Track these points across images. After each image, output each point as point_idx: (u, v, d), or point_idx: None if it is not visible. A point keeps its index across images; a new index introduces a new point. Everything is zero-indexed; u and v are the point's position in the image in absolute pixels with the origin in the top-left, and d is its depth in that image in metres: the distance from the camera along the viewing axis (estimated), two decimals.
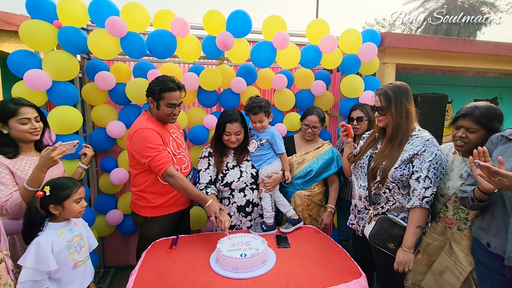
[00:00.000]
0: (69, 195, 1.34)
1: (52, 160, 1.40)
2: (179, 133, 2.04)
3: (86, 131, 2.54)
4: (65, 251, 1.33)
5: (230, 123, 1.87)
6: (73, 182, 1.38)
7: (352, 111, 2.18)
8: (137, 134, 1.70)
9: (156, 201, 1.82)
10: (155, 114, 1.84)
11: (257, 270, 1.43)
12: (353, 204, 1.77)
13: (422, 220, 1.47)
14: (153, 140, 1.70)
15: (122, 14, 2.01)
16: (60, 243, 1.32)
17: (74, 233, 1.41)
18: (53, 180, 1.37)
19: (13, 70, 1.95)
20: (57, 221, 1.37)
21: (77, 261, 1.38)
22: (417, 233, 1.47)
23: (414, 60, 3.04)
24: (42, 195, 1.29)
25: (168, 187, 1.81)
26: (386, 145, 1.59)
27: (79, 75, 2.32)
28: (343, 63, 2.45)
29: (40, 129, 1.57)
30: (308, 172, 2.08)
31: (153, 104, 1.80)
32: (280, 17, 2.25)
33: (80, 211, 1.39)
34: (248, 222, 1.99)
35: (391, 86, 1.56)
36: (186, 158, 1.95)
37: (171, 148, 1.83)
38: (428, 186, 1.45)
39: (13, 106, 1.47)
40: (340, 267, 1.50)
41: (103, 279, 2.67)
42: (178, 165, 1.85)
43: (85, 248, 1.46)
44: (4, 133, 1.49)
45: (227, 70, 2.44)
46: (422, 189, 1.46)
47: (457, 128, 1.51)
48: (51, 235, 1.31)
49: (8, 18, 2.09)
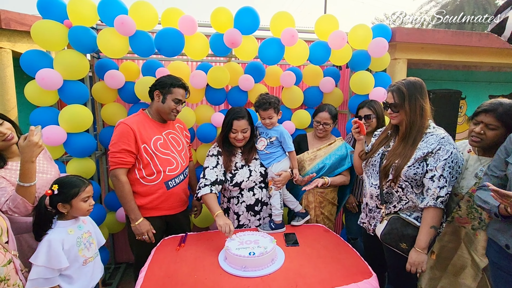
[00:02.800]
0: (77, 194, 1.34)
1: (38, 146, 1.30)
2: (180, 134, 2.01)
3: (96, 129, 2.58)
4: (75, 248, 1.35)
5: (237, 120, 1.86)
6: (81, 181, 1.39)
7: (359, 109, 2.14)
8: (116, 126, 1.78)
9: (137, 201, 1.81)
10: (156, 109, 1.85)
11: (266, 269, 1.43)
12: (364, 203, 1.74)
13: (436, 220, 1.43)
14: (120, 137, 1.73)
15: (130, 12, 2.02)
16: (70, 240, 1.34)
17: (82, 230, 1.42)
18: (61, 178, 1.38)
19: (26, 69, 1.99)
20: (66, 219, 1.38)
21: (87, 258, 1.40)
22: (431, 233, 1.43)
23: (426, 56, 2.95)
24: (51, 194, 1.30)
25: (148, 188, 1.80)
26: (399, 143, 1.55)
27: (89, 74, 2.35)
28: (352, 59, 2.41)
29: (9, 132, 1.43)
30: (321, 168, 2.07)
31: (159, 98, 1.82)
32: (288, 13, 2.22)
33: (88, 209, 1.40)
34: (256, 221, 1.98)
35: (404, 82, 1.52)
36: (177, 160, 1.90)
37: (152, 148, 1.78)
38: (443, 185, 1.41)
39: None
40: (350, 266, 1.48)
41: (114, 275, 2.72)
42: (162, 166, 1.81)
43: (94, 245, 1.48)
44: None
45: (235, 67, 2.42)
46: (436, 188, 1.41)
47: (475, 124, 1.44)
48: (61, 233, 1.33)
49: (20, 18, 2.13)
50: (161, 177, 1.82)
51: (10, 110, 2.24)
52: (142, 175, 1.79)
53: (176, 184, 1.88)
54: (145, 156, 1.77)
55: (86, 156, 2.26)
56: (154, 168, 1.80)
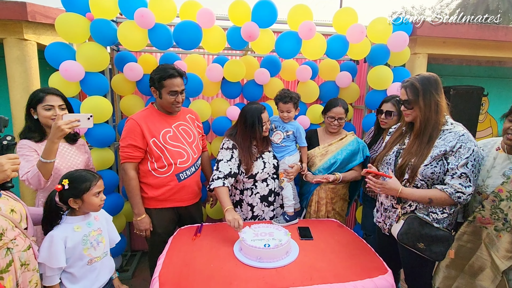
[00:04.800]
0: (88, 188, 1.30)
1: (60, 130, 1.39)
2: (191, 125, 1.99)
3: (115, 120, 2.64)
4: (80, 246, 1.30)
5: (263, 112, 1.89)
6: (92, 175, 1.35)
7: (383, 103, 2.07)
8: (125, 122, 1.82)
9: (149, 193, 1.85)
10: (160, 104, 1.86)
11: (281, 261, 1.45)
12: (379, 202, 1.73)
13: (439, 203, 1.43)
14: (127, 132, 1.77)
15: (150, 5, 2.04)
16: (74, 238, 1.29)
17: (92, 227, 1.37)
18: (71, 172, 1.35)
19: (50, 61, 2.05)
20: (76, 214, 1.34)
21: (93, 257, 1.35)
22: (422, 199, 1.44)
23: (448, 50, 2.85)
24: (61, 189, 1.27)
25: (160, 180, 1.83)
26: (414, 141, 1.52)
27: (109, 66, 2.41)
28: (371, 54, 2.36)
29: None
30: (333, 163, 2.06)
31: (156, 94, 1.81)
32: (306, 6, 2.19)
33: (100, 204, 1.36)
34: (270, 212, 2.01)
35: (418, 77, 1.48)
36: (188, 152, 1.90)
37: (161, 141, 1.79)
38: (467, 184, 1.38)
39: (41, 93, 1.59)
40: (365, 262, 1.48)
41: (130, 262, 2.81)
42: (172, 158, 1.82)
43: (103, 244, 1.41)
44: (34, 118, 1.60)
45: (251, 61, 2.42)
46: (459, 185, 1.38)
47: (511, 121, 1.39)
48: (66, 230, 1.29)
49: (45, 11, 2.19)
50: (172, 169, 1.84)
51: None
52: (153, 167, 1.82)
53: (187, 176, 1.90)
54: (155, 150, 1.79)
55: (105, 146, 2.33)
56: (165, 161, 1.81)
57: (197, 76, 2.33)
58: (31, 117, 1.61)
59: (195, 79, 2.31)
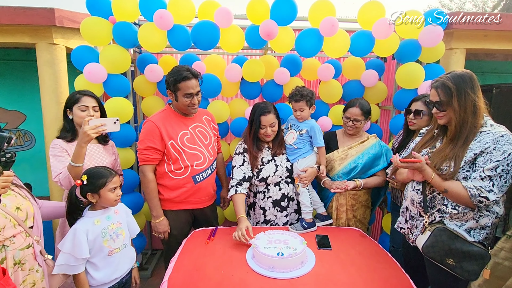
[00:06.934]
0: (105, 184, 1.38)
1: (86, 135, 1.43)
2: (207, 127, 1.97)
3: (137, 121, 2.70)
4: (100, 239, 1.37)
5: (264, 115, 1.81)
6: (109, 171, 1.42)
7: (413, 102, 1.89)
8: (143, 123, 1.82)
9: (165, 194, 1.84)
10: (176, 106, 1.84)
11: (295, 271, 1.36)
12: (404, 206, 1.58)
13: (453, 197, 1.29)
14: (146, 134, 1.76)
15: (169, 7, 2.05)
16: (95, 231, 1.37)
17: (111, 221, 1.44)
18: (90, 169, 1.43)
19: (76, 64, 2.14)
20: (95, 209, 1.43)
21: (112, 249, 1.42)
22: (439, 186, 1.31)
23: (490, 44, 2.57)
24: (80, 184, 1.35)
25: (176, 182, 1.82)
26: (447, 145, 1.36)
27: (131, 68, 2.46)
28: (399, 50, 2.19)
29: (96, 117, 1.66)
30: (353, 168, 1.92)
31: (172, 97, 1.80)
32: (329, 1, 2.08)
33: (116, 199, 1.42)
34: (284, 218, 1.92)
35: (450, 76, 1.32)
36: (204, 154, 1.88)
37: (178, 143, 1.78)
38: (489, 189, 1.21)
39: (77, 95, 1.68)
40: (389, 277, 1.35)
41: (150, 260, 2.86)
42: (189, 161, 1.81)
43: (123, 236, 1.48)
44: (69, 118, 1.69)
45: (270, 60, 2.36)
46: (481, 187, 1.22)
47: None
48: (88, 223, 1.37)
49: (72, 16, 2.29)
50: (189, 172, 1.83)
51: (63, 102, 2.43)
52: (170, 169, 1.81)
53: (203, 179, 1.88)
54: (173, 152, 1.78)
55: (126, 146, 2.39)
56: (182, 163, 1.81)
57: (216, 76, 2.31)
58: (66, 117, 1.70)
59: (214, 80, 2.29)
